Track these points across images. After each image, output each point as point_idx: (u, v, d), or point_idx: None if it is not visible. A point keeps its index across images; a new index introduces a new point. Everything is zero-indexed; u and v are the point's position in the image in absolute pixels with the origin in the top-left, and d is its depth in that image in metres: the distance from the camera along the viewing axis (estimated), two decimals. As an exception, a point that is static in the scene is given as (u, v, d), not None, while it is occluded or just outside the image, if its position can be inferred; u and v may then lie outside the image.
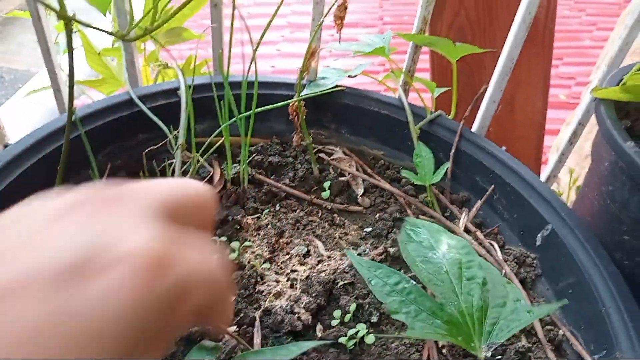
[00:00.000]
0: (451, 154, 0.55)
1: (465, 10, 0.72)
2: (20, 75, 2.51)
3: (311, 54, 0.53)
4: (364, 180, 0.56)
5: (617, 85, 0.47)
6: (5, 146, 0.73)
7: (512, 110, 0.80)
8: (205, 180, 0.54)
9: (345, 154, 0.59)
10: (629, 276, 0.45)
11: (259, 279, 0.45)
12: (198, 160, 0.52)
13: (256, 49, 0.50)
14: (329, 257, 0.48)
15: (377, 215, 0.53)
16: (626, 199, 0.42)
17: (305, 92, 0.57)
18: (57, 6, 0.39)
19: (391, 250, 0.48)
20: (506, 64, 0.57)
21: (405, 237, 0.38)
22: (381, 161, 0.59)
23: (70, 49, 0.44)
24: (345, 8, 0.52)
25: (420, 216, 0.52)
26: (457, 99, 0.59)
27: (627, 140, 0.41)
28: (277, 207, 0.53)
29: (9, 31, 2.86)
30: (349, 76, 0.59)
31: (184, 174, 0.52)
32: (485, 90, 0.57)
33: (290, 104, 0.54)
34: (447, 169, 0.54)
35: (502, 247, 0.50)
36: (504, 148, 0.86)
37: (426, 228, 0.39)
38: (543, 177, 0.67)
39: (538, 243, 0.48)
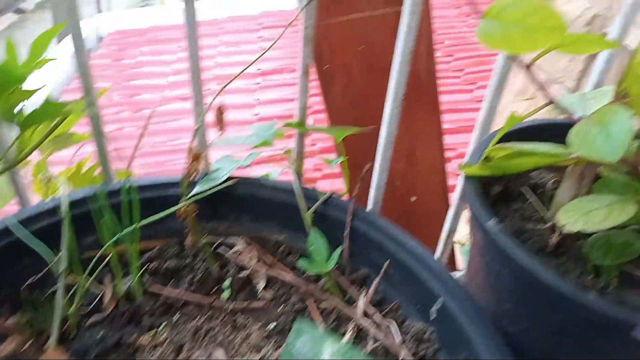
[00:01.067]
0: (345, 234, 0.56)
1: (354, 81, 0.75)
2: None
3: (194, 158, 0.53)
4: (265, 271, 0.56)
5: (481, 158, 0.50)
6: None
7: (415, 162, 0.84)
8: (94, 301, 0.52)
9: (247, 243, 0.59)
10: (516, 342, 0.47)
11: (157, 407, 0.44)
12: (84, 285, 0.50)
13: (133, 154, 0.50)
14: (231, 366, 0.47)
15: (280, 308, 0.53)
16: (498, 270, 0.45)
17: (197, 189, 0.57)
18: None
19: (292, 349, 0.48)
20: (387, 139, 0.59)
21: (286, 354, 0.37)
22: (283, 246, 0.59)
23: None
24: (222, 112, 0.53)
25: (321, 305, 0.53)
26: (354, 174, 0.61)
27: (490, 218, 0.44)
28: (176, 317, 0.52)
29: None
30: (241, 166, 0.59)
31: (70, 301, 0.50)
32: (371, 167, 0.59)
33: (180, 209, 0.53)
34: (343, 250, 0.54)
35: (402, 324, 0.51)
36: (414, 198, 0.88)
37: (309, 336, 0.39)
38: (443, 233, 0.70)
39: (433, 317, 0.50)
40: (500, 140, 0.53)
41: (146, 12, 3.69)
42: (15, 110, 0.46)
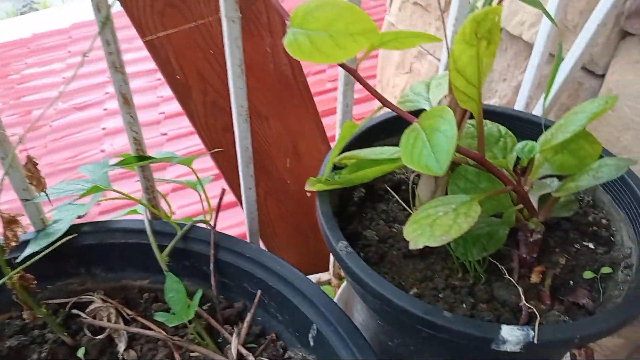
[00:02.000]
0: (211, 268, 0.50)
1: (212, 86, 0.68)
2: None
3: (9, 223, 0.45)
4: (125, 330, 0.49)
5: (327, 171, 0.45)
6: None
7: (300, 159, 0.79)
8: None
9: (103, 299, 0.52)
10: (394, 355, 0.44)
11: None
12: None
13: None
14: None
15: (148, 367, 0.47)
16: (361, 292, 0.41)
17: (32, 251, 0.49)
18: None
19: (159, 417, 0.42)
20: (243, 153, 0.53)
21: None
22: (147, 292, 0.53)
23: None
24: (35, 164, 0.45)
25: (192, 354, 0.47)
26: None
27: (340, 240, 0.40)
28: (26, 404, 0.45)
29: None
30: (78, 217, 0.52)
31: None
32: (222, 194, 0.53)
33: (7, 282, 0.45)
34: (204, 291, 0.49)
35: (283, 355, 0.47)
36: (309, 194, 0.84)
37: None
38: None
39: (311, 344, 0.46)
40: (353, 143, 0.49)
41: (26, 19, 3.35)
42: None
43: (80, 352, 0.48)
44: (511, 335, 0.33)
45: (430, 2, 0.88)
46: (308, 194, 0.85)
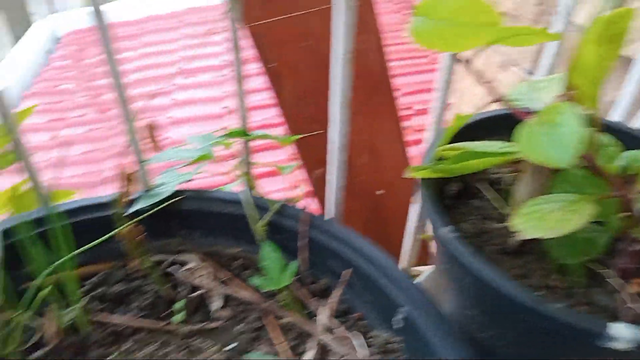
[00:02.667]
0: (299, 245, 0.53)
1: (303, 78, 0.71)
2: None
3: (126, 179, 0.50)
4: (221, 289, 0.53)
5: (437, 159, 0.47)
6: None
7: (377, 157, 0.81)
8: (36, 337, 0.48)
9: (200, 260, 0.56)
10: (486, 347, 0.45)
11: None
12: (18, 322, 0.47)
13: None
14: (185, 396, 0.44)
15: (238, 327, 0.50)
16: (459, 278, 0.42)
17: (135, 207, 0.53)
18: None
19: (250, 373, 0.45)
20: (341, 140, 0.56)
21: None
22: (239, 260, 0.56)
23: None
24: (154, 127, 0.49)
25: (281, 321, 0.50)
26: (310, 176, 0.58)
27: (445, 225, 0.41)
28: (128, 345, 0.49)
29: None
30: (187, 181, 0.56)
31: (8, 339, 0.46)
32: (322, 172, 0.56)
33: (118, 232, 0.50)
34: (299, 263, 0.52)
35: (367, 335, 0.49)
36: (380, 191, 0.86)
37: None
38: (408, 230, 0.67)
39: (397, 326, 0.48)
40: (455, 137, 0.51)
41: (103, 9, 3.55)
42: None
43: (178, 306, 0.51)
44: (624, 332, 0.33)
45: (521, 12, 0.88)
46: (380, 192, 0.87)
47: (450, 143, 0.48)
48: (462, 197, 0.51)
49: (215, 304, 0.52)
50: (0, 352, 0.47)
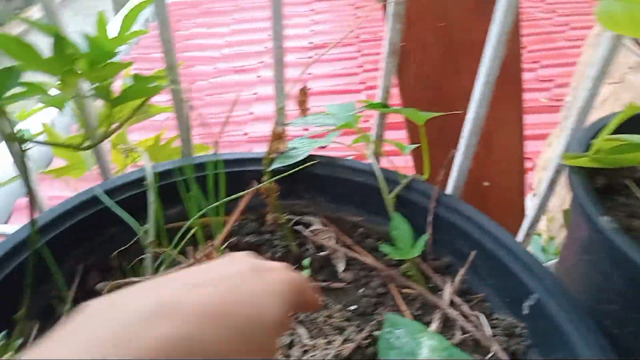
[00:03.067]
0: (428, 220, 0.54)
1: (430, 59, 0.71)
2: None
3: (277, 137, 0.52)
4: (344, 253, 0.55)
5: (586, 147, 0.46)
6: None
7: (491, 147, 0.80)
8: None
9: (323, 224, 0.58)
10: (621, 344, 0.44)
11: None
12: (169, 254, 0.51)
13: (223, 129, 0.49)
14: (313, 346, 0.47)
15: (361, 290, 0.52)
16: (609, 272, 0.41)
17: (276, 166, 0.56)
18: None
19: (376, 333, 0.47)
20: (475, 123, 0.56)
21: (384, 344, 0.36)
22: (361, 229, 0.58)
23: (23, 170, 0.43)
24: (306, 93, 0.51)
25: (404, 290, 0.51)
26: (432, 158, 0.58)
27: (602, 214, 0.40)
28: (257, 293, 0.52)
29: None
30: (320, 147, 0.58)
31: (157, 269, 0.51)
32: (454, 153, 0.56)
33: (257, 188, 0.53)
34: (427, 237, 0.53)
35: (489, 316, 0.49)
36: (486, 183, 0.85)
37: (406, 328, 0.38)
38: (525, 224, 0.66)
39: (525, 312, 0.47)
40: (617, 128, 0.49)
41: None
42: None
43: (306, 262, 0.54)
44: None
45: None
46: (486, 184, 0.85)
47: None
48: (606, 193, 0.49)
49: (340, 265, 0.54)
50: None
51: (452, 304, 0.49)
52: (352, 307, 0.51)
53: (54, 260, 0.48)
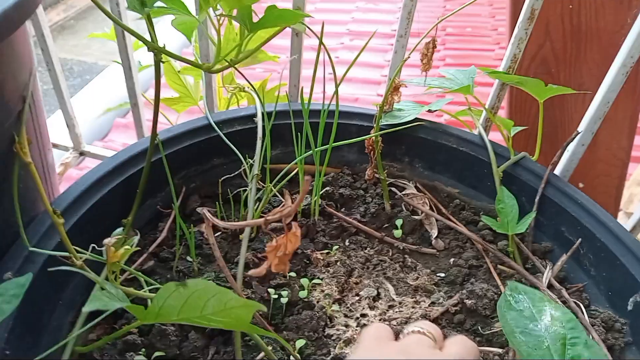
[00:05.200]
0: (536, 200, 0.51)
1: (551, 42, 0.68)
2: (88, 68, 2.64)
3: (394, 88, 0.52)
4: (437, 220, 0.54)
5: None
6: (81, 153, 0.76)
7: (595, 146, 0.75)
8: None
9: (418, 189, 0.57)
10: None
11: (328, 322, 0.44)
12: (271, 190, 0.52)
13: (339, 83, 0.49)
14: (400, 303, 0.47)
15: (452, 260, 0.51)
16: None
17: (384, 123, 0.55)
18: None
19: (468, 302, 0.46)
20: (600, 108, 0.53)
21: (504, 304, 0.35)
22: (456, 200, 0.57)
23: (158, 78, 0.45)
24: (435, 46, 0.50)
25: (499, 266, 0.49)
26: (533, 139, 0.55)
27: None
28: (347, 243, 0.52)
29: (82, 26, 3.01)
30: (429, 110, 0.57)
31: (255, 203, 0.52)
32: (576, 135, 0.53)
33: (366, 139, 0.53)
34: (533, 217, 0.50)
35: (587, 307, 0.47)
36: (581, 185, 0.81)
37: (528, 295, 0.36)
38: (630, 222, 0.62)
39: (630, 308, 0.44)
40: None
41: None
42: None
43: (398, 222, 0.53)
44: None
45: None
46: (581, 185, 0.81)
47: None
48: None
49: (434, 232, 0.53)
50: (241, 212, 0.53)
51: (549, 287, 0.47)
52: (441, 274, 0.50)
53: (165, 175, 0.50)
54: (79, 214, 0.44)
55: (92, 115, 1.38)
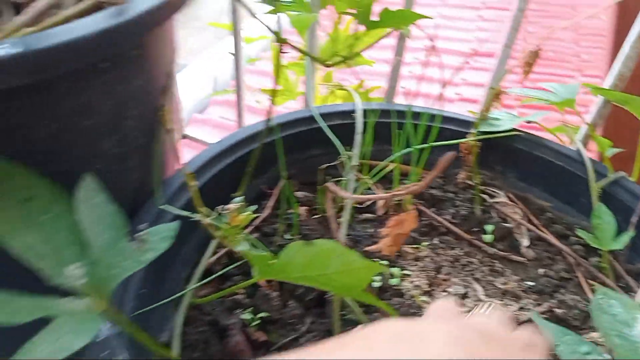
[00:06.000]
0: (632, 220, 0.51)
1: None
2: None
3: (496, 96, 0.53)
4: (529, 230, 0.54)
5: None
6: (184, 137, 0.83)
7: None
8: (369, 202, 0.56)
9: (510, 199, 0.58)
10: None
11: (417, 311, 0.46)
12: (366, 183, 0.55)
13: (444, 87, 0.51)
14: (488, 304, 0.47)
15: (541, 270, 0.51)
16: None
17: (484, 129, 0.57)
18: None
19: (558, 311, 0.46)
20: None
21: (597, 307, 0.36)
22: (548, 214, 0.57)
23: (277, 67, 0.49)
24: (538, 55, 0.51)
25: (590, 281, 0.49)
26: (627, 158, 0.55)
27: None
28: (436, 241, 0.54)
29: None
30: (527, 122, 0.58)
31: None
32: None
33: (464, 142, 0.54)
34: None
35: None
36: None
37: (619, 302, 0.36)
38: None
39: None
40: None
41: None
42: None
43: (488, 228, 0.54)
44: None
45: None
46: None
47: None
48: None
49: (525, 240, 0.53)
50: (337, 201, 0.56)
51: (646, 308, 0.46)
52: (530, 283, 0.50)
53: (270, 159, 0.54)
54: (200, 182, 0.48)
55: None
